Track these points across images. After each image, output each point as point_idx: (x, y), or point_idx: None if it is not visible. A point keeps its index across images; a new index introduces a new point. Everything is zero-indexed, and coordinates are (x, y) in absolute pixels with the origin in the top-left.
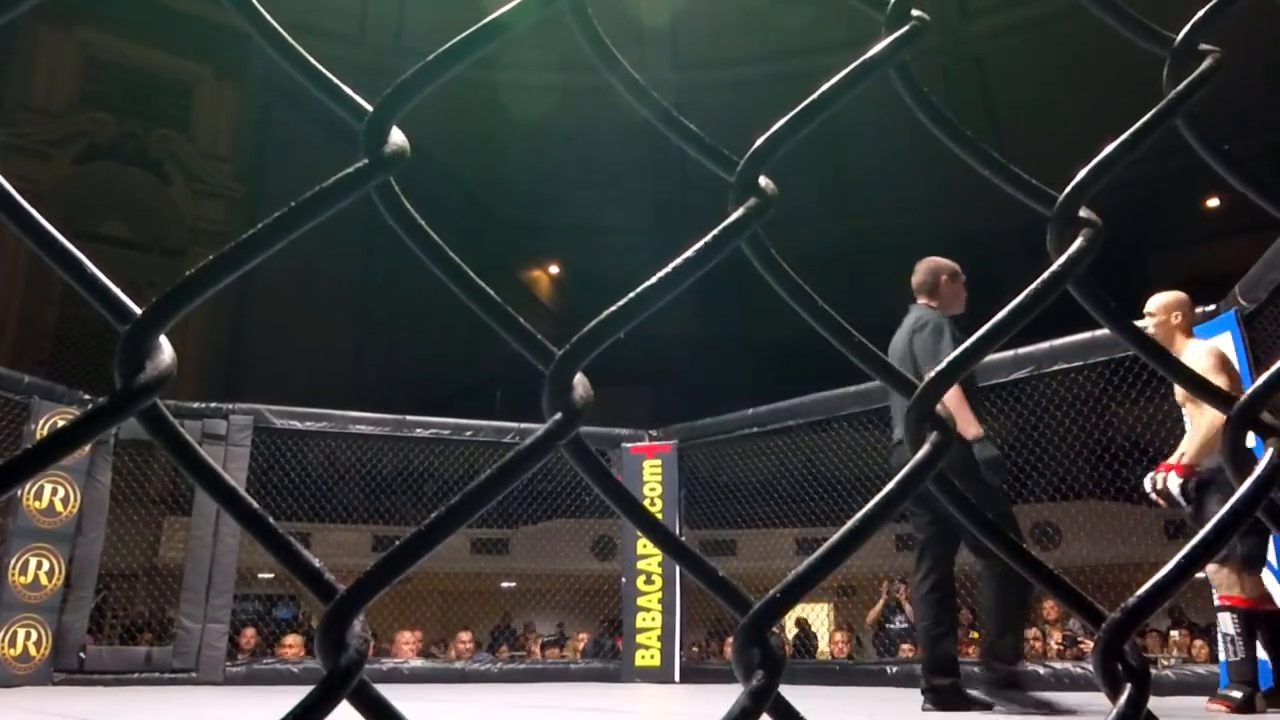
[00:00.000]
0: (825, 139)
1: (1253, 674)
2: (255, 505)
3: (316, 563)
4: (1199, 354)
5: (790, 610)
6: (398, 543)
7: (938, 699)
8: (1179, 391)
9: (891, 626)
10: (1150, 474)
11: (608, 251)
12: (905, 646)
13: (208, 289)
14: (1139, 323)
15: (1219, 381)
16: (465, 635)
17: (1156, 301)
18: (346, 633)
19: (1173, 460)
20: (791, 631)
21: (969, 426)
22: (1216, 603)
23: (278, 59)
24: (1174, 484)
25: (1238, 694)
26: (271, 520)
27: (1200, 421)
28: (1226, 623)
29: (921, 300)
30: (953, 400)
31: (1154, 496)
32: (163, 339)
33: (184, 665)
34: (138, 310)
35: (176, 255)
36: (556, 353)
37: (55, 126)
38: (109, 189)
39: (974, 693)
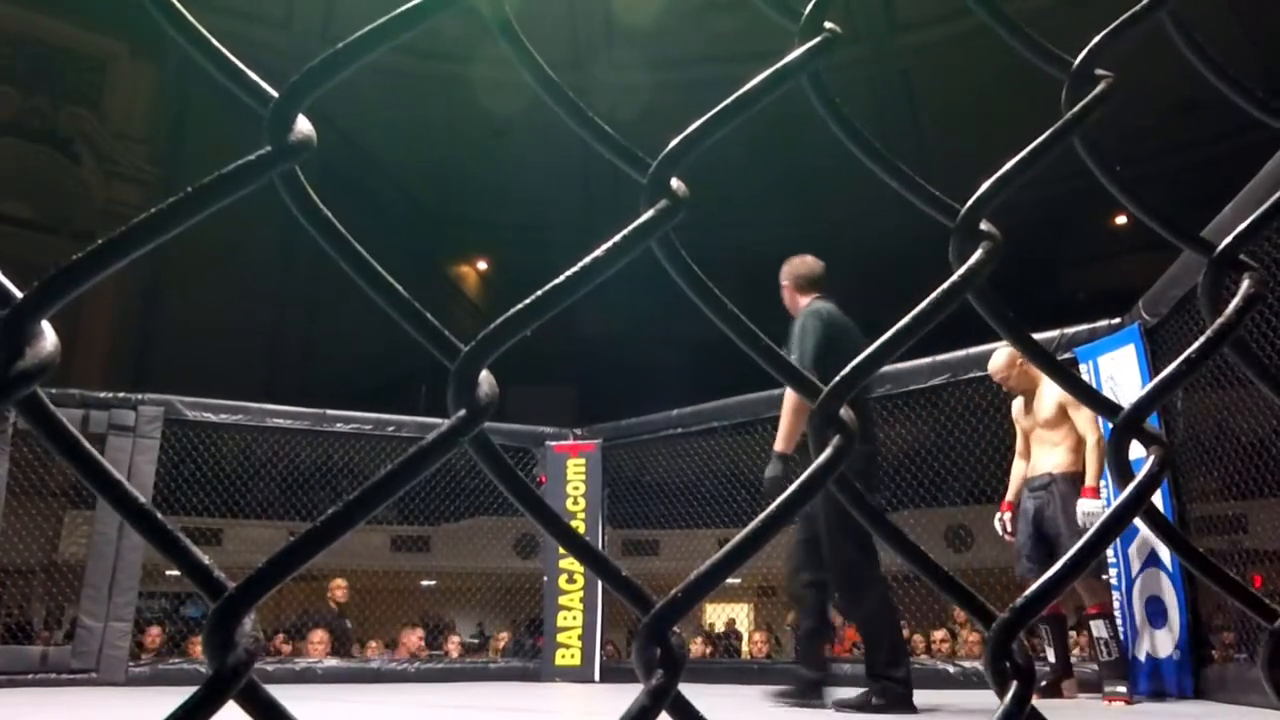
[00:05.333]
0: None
1: (1127, 670)
2: (141, 498)
3: (205, 559)
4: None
5: (691, 609)
6: (291, 539)
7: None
8: (1028, 416)
9: None
10: (1081, 510)
11: (537, 248)
12: None
13: (96, 274)
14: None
15: (1076, 411)
16: (418, 632)
17: (997, 362)
18: (235, 632)
19: (1089, 484)
20: (718, 629)
21: (781, 441)
22: (1088, 612)
23: (174, 34)
24: (1098, 506)
25: (1123, 688)
26: (159, 514)
27: (1090, 443)
28: (1100, 628)
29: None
30: (787, 412)
31: (1086, 525)
32: (45, 325)
33: (83, 665)
34: (19, 294)
35: (86, 238)
36: (462, 349)
37: None
38: (11, 167)
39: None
